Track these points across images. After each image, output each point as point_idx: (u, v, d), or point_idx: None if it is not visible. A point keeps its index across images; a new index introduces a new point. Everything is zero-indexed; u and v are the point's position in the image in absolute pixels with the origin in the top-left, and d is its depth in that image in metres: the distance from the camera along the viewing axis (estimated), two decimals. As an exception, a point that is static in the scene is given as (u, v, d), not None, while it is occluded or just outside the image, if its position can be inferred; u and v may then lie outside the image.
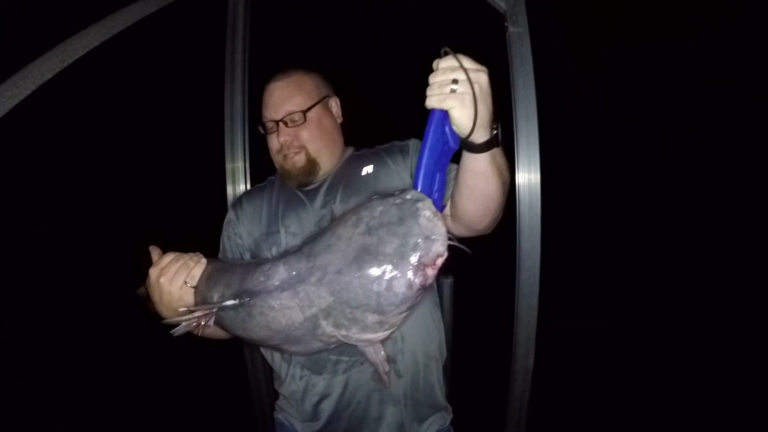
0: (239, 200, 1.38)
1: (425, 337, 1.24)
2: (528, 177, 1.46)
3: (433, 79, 0.82)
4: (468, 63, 0.80)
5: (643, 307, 3.54)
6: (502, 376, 1.86)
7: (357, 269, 0.77)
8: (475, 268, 1.36)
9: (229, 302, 0.90)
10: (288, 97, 1.23)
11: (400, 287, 0.77)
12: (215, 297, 0.94)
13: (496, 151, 0.89)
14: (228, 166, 1.95)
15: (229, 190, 1.95)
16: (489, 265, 1.21)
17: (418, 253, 0.76)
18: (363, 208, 0.82)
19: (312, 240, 0.87)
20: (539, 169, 1.50)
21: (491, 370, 1.95)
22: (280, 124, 1.22)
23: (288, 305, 0.84)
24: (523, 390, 1.79)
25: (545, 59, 1.55)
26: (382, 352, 0.93)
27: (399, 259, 0.76)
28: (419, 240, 0.76)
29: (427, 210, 0.77)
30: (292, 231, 1.24)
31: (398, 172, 1.23)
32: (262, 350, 1.38)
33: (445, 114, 0.82)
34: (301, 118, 1.21)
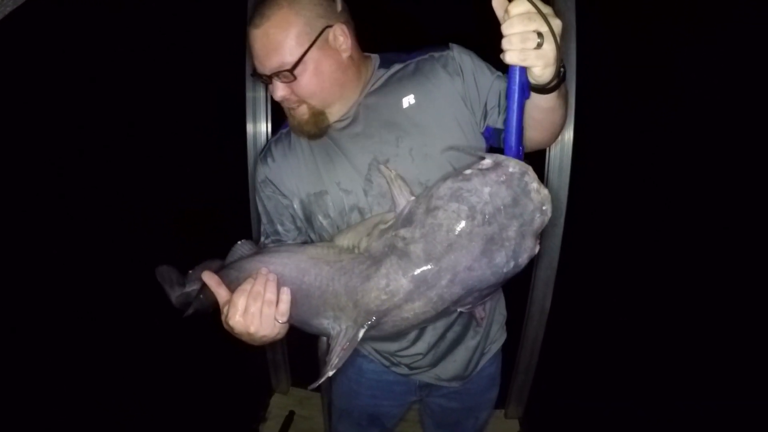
0: (269, 154, 1.16)
1: None
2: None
3: (509, 30, 0.72)
4: (544, 7, 0.72)
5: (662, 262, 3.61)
6: (517, 320, 1.89)
7: (487, 262, 0.76)
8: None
9: (360, 332, 0.85)
10: (273, 48, 0.97)
11: (524, 260, 0.78)
12: (326, 323, 0.88)
13: (562, 86, 0.86)
14: (249, 128, 1.88)
15: (249, 128, 1.89)
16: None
17: (537, 227, 0.77)
18: (468, 193, 0.76)
19: (419, 237, 0.79)
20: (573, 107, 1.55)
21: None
22: (273, 78, 1.01)
23: (423, 311, 0.82)
24: (536, 333, 1.83)
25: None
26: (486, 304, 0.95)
27: (521, 238, 0.76)
28: (536, 215, 0.76)
29: (534, 182, 0.76)
30: (343, 188, 1.06)
31: (446, 97, 1.04)
32: None
33: (525, 69, 0.77)
34: (291, 75, 0.99)
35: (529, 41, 0.71)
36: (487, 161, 0.78)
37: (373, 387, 1.30)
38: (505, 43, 0.73)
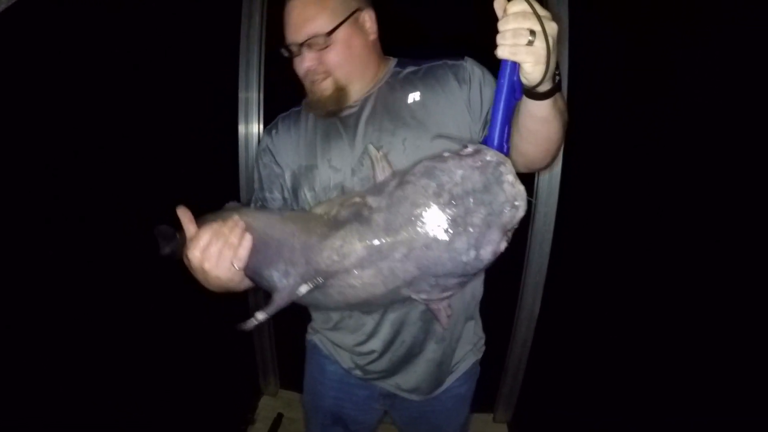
0: (275, 126, 1.23)
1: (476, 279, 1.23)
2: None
3: (504, 26, 0.75)
4: (540, 10, 0.75)
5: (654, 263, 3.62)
6: (506, 324, 1.89)
7: (446, 244, 0.74)
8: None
9: (304, 289, 0.83)
10: (309, 18, 1.06)
11: (487, 255, 0.75)
12: (275, 276, 0.87)
13: (557, 95, 0.87)
14: (241, 95, 1.86)
15: (241, 128, 1.88)
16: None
17: (505, 221, 0.74)
18: (440, 172, 0.75)
19: (384, 207, 0.79)
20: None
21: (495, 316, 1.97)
22: (303, 47, 1.07)
23: (371, 282, 0.80)
24: (525, 338, 1.84)
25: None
26: (446, 301, 0.92)
27: (487, 228, 0.74)
28: (506, 208, 0.73)
29: (510, 174, 0.74)
30: (333, 165, 1.11)
31: (450, 101, 1.09)
32: None
33: (517, 66, 0.78)
34: (325, 41, 1.06)
35: (521, 37, 0.74)
36: (469, 149, 0.77)
37: (336, 388, 1.30)
38: (498, 39, 0.76)
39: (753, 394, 2.35)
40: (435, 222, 0.74)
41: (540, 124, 0.90)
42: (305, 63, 1.07)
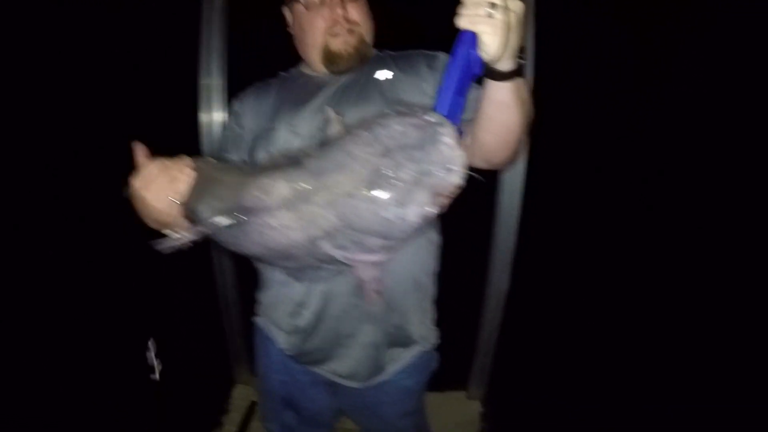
0: (246, 91, 1.25)
1: (417, 262, 1.18)
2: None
3: None
4: None
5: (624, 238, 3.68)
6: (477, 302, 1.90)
7: (367, 194, 0.73)
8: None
9: (223, 220, 0.83)
10: None
11: (412, 215, 0.73)
12: (204, 211, 0.87)
13: (520, 82, 0.86)
14: (203, 82, 1.81)
15: (204, 117, 1.82)
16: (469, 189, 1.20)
17: (435, 183, 0.72)
18: (379, 126, 0.74)
19: (318, 154, 0.80)
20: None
21: (466, 298, 1.98)
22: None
23: (290, 225, 0.79)
24: (495, 315, 1.85)
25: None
26: (375, 271, 0.89)
27: (414, 186, 0.72)
28: (438, 168, 0.72)
29: (448, 137, 0.72)
30: (294, 130, 1.12)
31: (419, 85, 1.11)
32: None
33: (475, 36, 0.78)
34: None
35: (481, 7, 0.75)
36: (416, 110, 0.77)
37: (281, 371, 1.29)
38: (460, 8, 0.77)
39: (724, 379, 2.41)
40: (362, 171, 0.73)
41: (498, 110, 0.89)
42: (338, 10, 1.10)
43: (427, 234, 1.19)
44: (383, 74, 1.13)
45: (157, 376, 0.88)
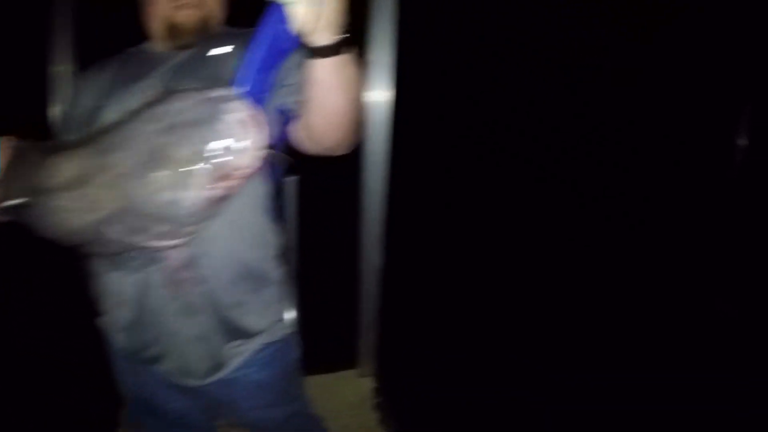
0: (90, 68, 1.17)
1: (244, 247, 1.08)
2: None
3: None
4: None
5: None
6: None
7: (146, 173, 0.67)
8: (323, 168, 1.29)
9: (14, 201, 0.79)
10: None
11: (190, 198, 0.67)
12: (13, 191, 0.83)
13: (344, 59, 0.79)
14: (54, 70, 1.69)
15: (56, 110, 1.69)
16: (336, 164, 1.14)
17: (216, 161, 0.66)
18: (164, 103, 0.70)
19: (111, 131, 0.75)
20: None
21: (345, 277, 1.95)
22: None
23: (73, 207, 0.74)
24: (371, 289, 1.83)
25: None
26: (181, 258, 0.86)
27: (193, 166, 0.66)
28: (219, 146, 0.66)
29: (235, 112, 0.67)
30: (122, 108, 1.02)
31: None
32: None
33: (282, 7, 0.71)
34: None
35: None
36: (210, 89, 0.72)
37: (128, 372, 1.18)
38: None
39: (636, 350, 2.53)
40: (141, 148, 0.68)
41: (321, 90, 0.83)
42: None
43: (256, 215, 1.09)
44: (218, 51, 1.06)
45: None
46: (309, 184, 1.52)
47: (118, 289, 1.05)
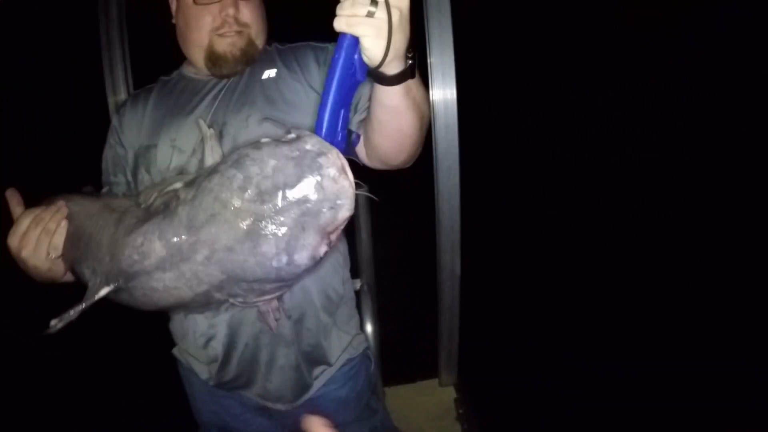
0: (125, 104, 1.16)
1: (321, 279, 1.12)
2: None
3: None
4: None
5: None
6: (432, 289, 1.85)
7: (252, 248, 0.64)
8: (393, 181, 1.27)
9: (104, 290, 0.76)
10: None
11: (302, 260, 0.66)
12: (86, 273, 0.82)
13: (411, 83, 0.79)
14: (110, 100, 1.74)
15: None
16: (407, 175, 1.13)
17: (323, 223, 0.64)
18: (251, 162, 0.64)
19: (190, 198, 0.70)
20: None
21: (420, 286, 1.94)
22: None
23: (174, 286, 0.72)
24: (452, 298, 1.79)
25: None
26: (274, 302, 0.85)
27: (300, 231, 0.64)
28: (324, 207, 0.63)
29: (332, 168, 0.62)
30: (176, 145, 1.03)
31: (304, 82, 1.05)
32: None
33: (356, 41, 0.69)
34: None
35: (360, 7, 0.65)
36: (292, 135, 0.66)
37: (208, 401, 1.22)
38: (337, 9, 0.67)
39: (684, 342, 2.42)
40: (238, 221, 0.64)
41: (390, 114, 0.83)
42: (229, 9, 1.00)
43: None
44: (267, 73, 1.06)
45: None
46: (380, 194, 1.52)
47: (206, 329, 1.10)
